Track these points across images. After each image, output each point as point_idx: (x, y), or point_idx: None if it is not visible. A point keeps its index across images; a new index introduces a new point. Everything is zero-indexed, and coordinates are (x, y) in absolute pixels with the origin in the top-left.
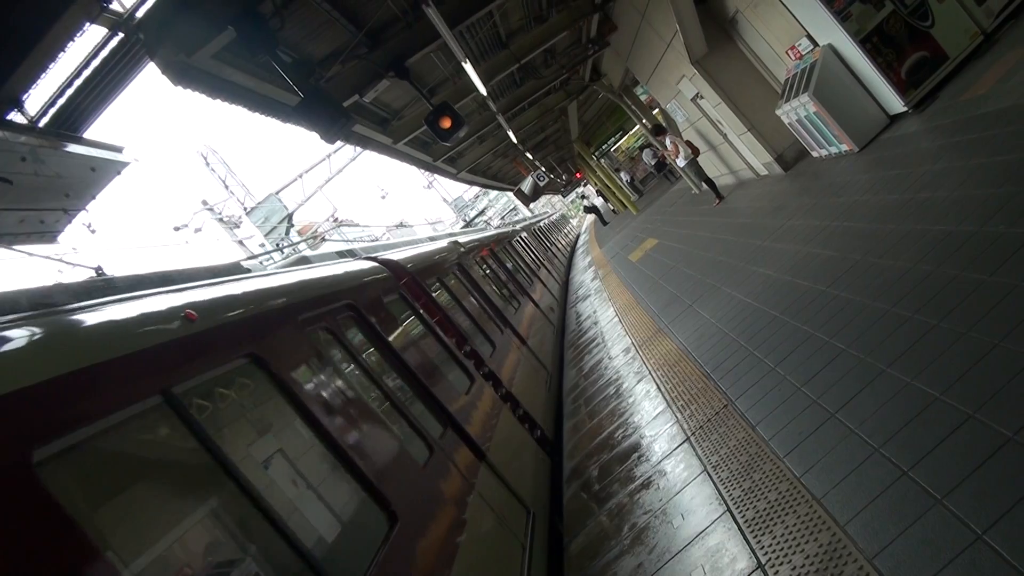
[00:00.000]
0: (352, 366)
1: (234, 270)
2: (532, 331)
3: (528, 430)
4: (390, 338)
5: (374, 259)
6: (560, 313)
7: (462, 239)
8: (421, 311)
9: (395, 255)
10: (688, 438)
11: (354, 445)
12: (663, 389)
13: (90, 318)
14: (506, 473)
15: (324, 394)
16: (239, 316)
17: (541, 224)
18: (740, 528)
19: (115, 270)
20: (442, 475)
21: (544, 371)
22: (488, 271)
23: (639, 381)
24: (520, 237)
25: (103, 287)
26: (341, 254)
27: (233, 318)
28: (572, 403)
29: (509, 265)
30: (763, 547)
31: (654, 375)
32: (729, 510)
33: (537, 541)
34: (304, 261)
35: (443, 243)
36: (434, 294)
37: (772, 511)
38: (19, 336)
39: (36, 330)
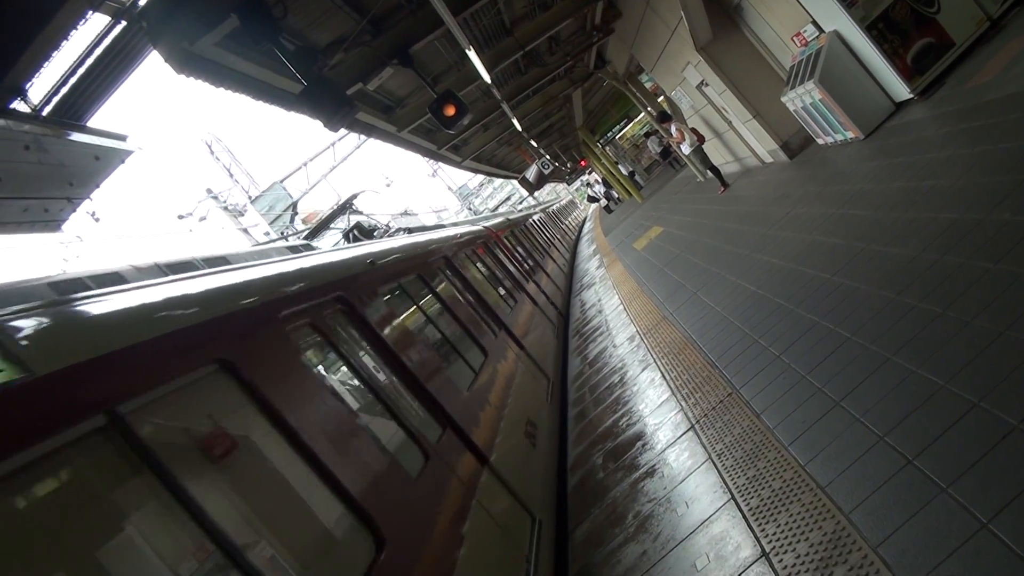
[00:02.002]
0: (487, 267)
1: (432, 228)
2: (551, 270)
3: (553, 307)
4: (497, 255)
5: (480, 224)
6: (568, 269)
7: (511, 217)
8: (501, 249)
9: (486, 224)
10: (693, 426)
11: (501, 285)
12: (668, 377)
13: (455, 229)
14: (545, 312)
15: (484, 270)
16: (470, 237)
17: (554, 207)
18: (744, 516)
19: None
20: (527, 301)
21: (560, 291)
22: (525, 235)
23: (644, 369)
24: (541, 216)
25: (438, 225)
26: (456, 224)
27: (470, 238)
28: (577, 391)
29: (536, 233)
30: (767, 535)
31: (659, 363)
32: (733, 498)
33: (559, 330)
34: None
35: (501, 219)
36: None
37: (776, 499)
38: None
39: (464, 229)
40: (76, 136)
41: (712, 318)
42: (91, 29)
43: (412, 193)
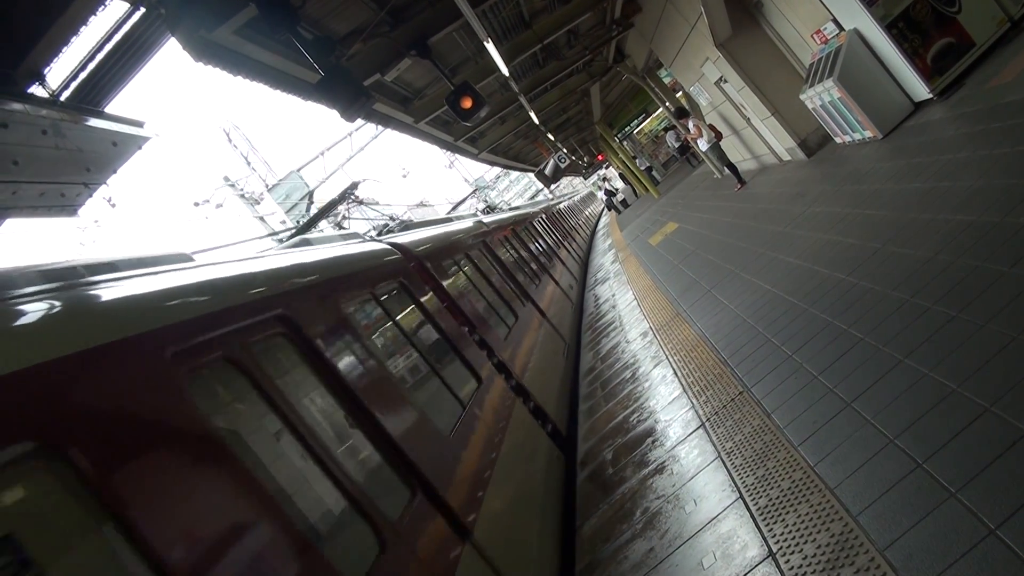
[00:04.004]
0: (545, 229)
1: (523, 207)
2: (576, 237)
3: (579, 255)
4: (548, 224)
5: (537, 207)
6: (587, 245)
7: (551, 203)
8: (546, 220)
9: (537, 208)
10: (703, 424)
11: (548, 239)
12: (679, 374)
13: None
14: (577, 254)
15: (553, 229)
16: (537, 210)
17: (577, 198)
18: (752, 516)
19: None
20: (562, 252)
21: (581, 248)
22: (560, 214)
23: (656, 365)
24: (570, 203)
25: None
26: (534, 204)
27: (537, 211)
28: (588, 385)
29: (568, 214)
30: (775, 535)
31: (671, 360)
32: (742, 497)
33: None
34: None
35: (545, 205)
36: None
37: (785, 499)
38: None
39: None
40: (94, 122)
41: (725, 316)
42: (110, 15)
43: (428, 184)
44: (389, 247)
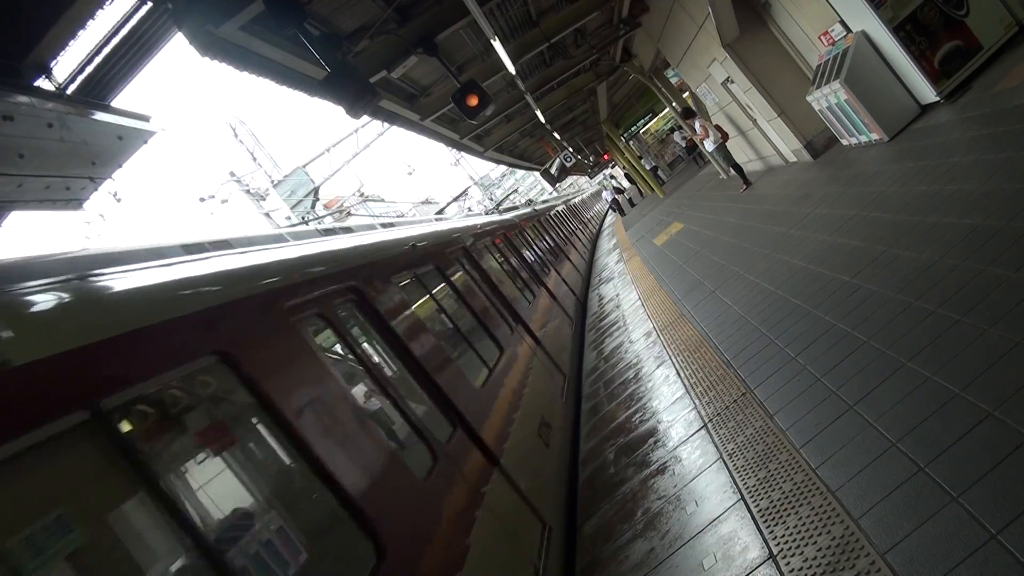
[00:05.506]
0: (571, 221)
1: (552, 200)
2: (585, 229)
3: (593, 232)
4: (569, 211)
5: (559, 201)
6: (595, 234)
7: (568, 198)
8: (566, 208)
9: (559, 200)
10: (705, 424)
11: (572, 224)
12: (683, 375)
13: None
14: (586, 236)
15: (567, 213)
16: (560, 202)
17: (587, 195)
18: (753, 517)
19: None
20: (579, 232)
21: (591, 231)
22: (574, 208)
23: (659, 366)
24: (582, 199)
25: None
26: (557, 199)
27: (559, 203)
28: (591, 385)
29: (580, 208)
30: (776, 537)
31: (674, 360)
32: (743, 499)
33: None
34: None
35: (564, 200)
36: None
37: (786, 501)
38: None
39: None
40: (100, 115)
41: (729, 316)
42: (117, 9)
43: (433, 182)
44: (515, 217)
